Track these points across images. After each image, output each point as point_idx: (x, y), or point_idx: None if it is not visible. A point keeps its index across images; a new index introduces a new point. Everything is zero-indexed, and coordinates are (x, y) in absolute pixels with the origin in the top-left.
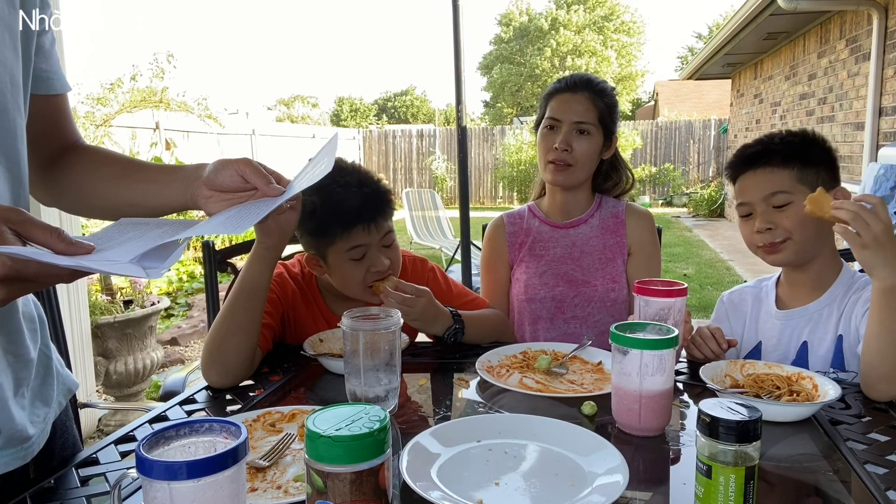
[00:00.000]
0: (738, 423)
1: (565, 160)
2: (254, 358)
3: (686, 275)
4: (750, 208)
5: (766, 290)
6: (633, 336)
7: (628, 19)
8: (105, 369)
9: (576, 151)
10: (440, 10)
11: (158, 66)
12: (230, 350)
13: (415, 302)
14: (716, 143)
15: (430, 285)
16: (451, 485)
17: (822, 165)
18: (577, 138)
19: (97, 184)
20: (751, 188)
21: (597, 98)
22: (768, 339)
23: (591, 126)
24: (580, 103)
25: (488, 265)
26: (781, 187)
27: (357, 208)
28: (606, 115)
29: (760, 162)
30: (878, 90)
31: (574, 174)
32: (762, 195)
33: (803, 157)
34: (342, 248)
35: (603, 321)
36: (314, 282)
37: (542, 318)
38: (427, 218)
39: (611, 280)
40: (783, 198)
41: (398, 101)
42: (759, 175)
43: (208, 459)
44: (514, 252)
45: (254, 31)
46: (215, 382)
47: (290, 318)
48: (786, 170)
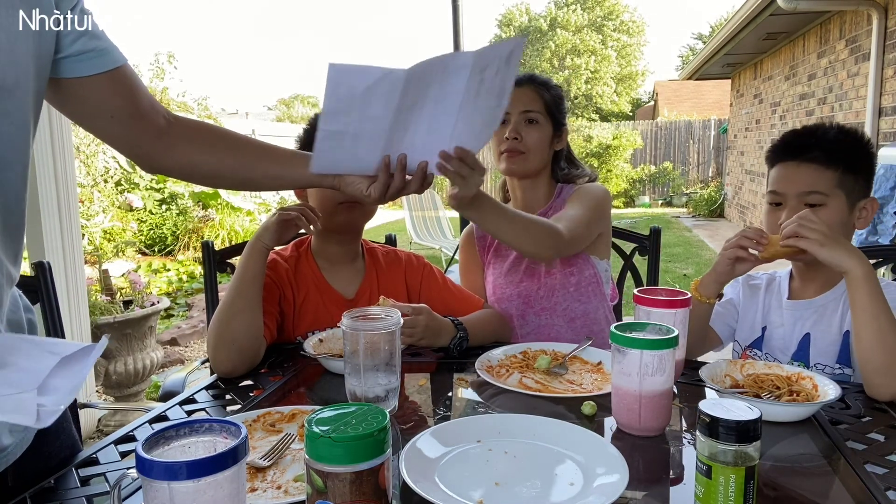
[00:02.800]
0: (738, 423)
1: (517, 148)
2: (260, 340)
3: (686, 275)
4: (781, 199)
5: (778, 280)
6: (633, 336)
7: (628, 19)
8: (105, 369)
9: (526, 140)
10: (440, 10)
11: (159, 66)
12: (239, 327)
13: (415, 321)
14: (715, 144)
15: (425, 281)
16: (451, 485)
17: (862, 174)
18: (525, 127)
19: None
20: (788, 180)
21: (541, 89)
22: (774, 328)
23: (538, 115)
24: (525, 94)
25: (465, 272)
26: (819, 188)
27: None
28: (553, 106)
29: (805, 155)
30: (878, 90)
31: (527, 161)
32: (798, 191)
33: (849, 160)
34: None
35: (571, 308)
36: (309, 253)
37: (513, 316)
38: (427, 218)
39: (567, 264)
40: (818, 198)
41: None
42: (801, 169)
43: (208, 459)
44: (484, 255)
45: (254, 31)
46: (225, 365)
47: (287, 297)
48: (829, 170)
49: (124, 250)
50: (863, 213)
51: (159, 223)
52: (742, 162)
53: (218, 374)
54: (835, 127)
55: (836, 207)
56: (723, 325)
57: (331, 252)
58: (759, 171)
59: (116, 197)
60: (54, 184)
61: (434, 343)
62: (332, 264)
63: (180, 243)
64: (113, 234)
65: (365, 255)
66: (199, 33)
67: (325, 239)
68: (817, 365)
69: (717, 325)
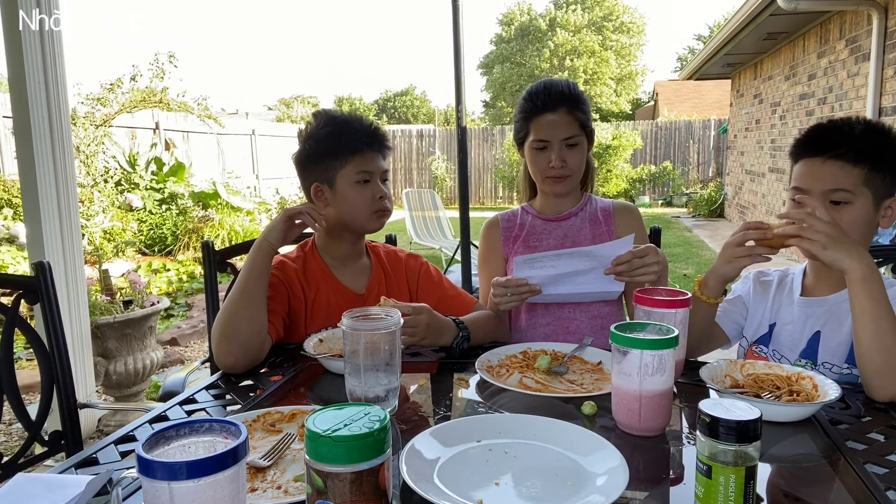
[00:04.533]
0: (738, 423)
1: (562, 174)
2: (264, 336)
3: (686, 275)
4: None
5: (791, 276)
6: (633, 336)
7: (627, 20)
8: (105, 370)
9: (569, 164)
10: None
11: (159, 66)
12: (242, 322)
13: (416, 321)
14: (715, 144)
15: (422, 278)
16: (451, 485)
17: (889, 171)
18: (568, 152)
19: None
20: (813, 177)
21: (575, 110)
22: (783, 324)
23: (577, 137)
24: (563, 120)
25: (485, 261)
26: (845, 185)
27: (366, 138)
28: (587, 123)
29: (831, 152)
30: (878, 90)
31: (572, 181)
32: (823, 188)
33: (876, 157)
34: (351, 171)
35: (596, 307)
36: (315, 252)
37: (538, 306)
38: (427, 218)
39: None
40: (844, 196)
41: (398, 101)
42: (826, 166)
43: (208, 459)
44: (509, 246)
45: (254, 31)
46: (227, 359)
47: (298, 295)
48: (855, 168)
49: (124, 250)
50: (887, 212)
51: (159, 223)
52: (742, 162)
53: (220, 367)
54: (862, 122)
55: (862, 206)
56: (731, 323)
57: (340, 250)
58: (759, 171)
59: (116, 197)
60: (54, 184)
61: (436, 342)
62: (340, 262)
63: (180, 243)
64: (113, 234)
65: (369, 253)
66: (199, 33)
67: (336, 238)
68: (825, 364)
69: (724, 322)
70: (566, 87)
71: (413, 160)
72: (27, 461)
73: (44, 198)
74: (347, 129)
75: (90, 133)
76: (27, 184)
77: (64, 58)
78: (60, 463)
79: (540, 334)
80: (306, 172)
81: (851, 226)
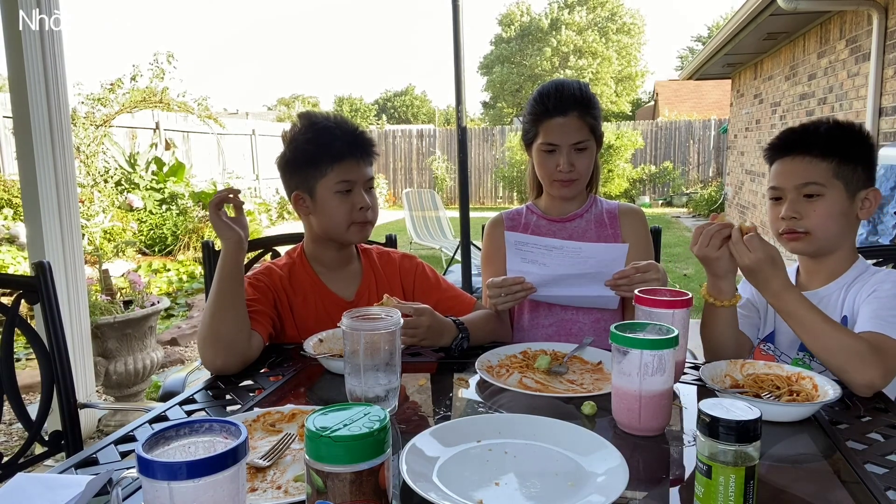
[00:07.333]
0: (738, 423)
1: (570, 178)
2: (249, 334)
3: (686, 275)
4: (781, 193)
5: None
6: (633, 336)
7: (629, 21)
8: (105, 369)
9: (578, 168)
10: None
11: (159, 66)
12: (222, 324)
13: (418, 322)
14: (715, 144)
15: (418, 279)
16: (451, 485)
17: (860, 164)
18: (577, 157)
19: None
20: (785, 174)
21: (586, 115)
22: (780, 321)
23: (587, 141)
24: (573, 124)
25: (488, 259)
26: (815, 178)
27: (348, 145)
28: (597, 126)
29: (799, 149)
30: (878, 90)
31: (580, 185)
32: (795, 183)
33: (844, 152)
34: (332, 180)
35: (598, 309)
36: (304, 259)
37: (541, 306)
38: (427, 218)
39: None
40: (815, 189)
41: (398, 101)
42: (796, 162)
43: (208, 459)
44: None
45: (254, 31)
46: (212, 361)
47: (283, 302)
48: (824, 161)
49: (124, 250)
50: (865, 204)
51: (159, 223)
52: (742, 162)
53: (211, 373)
54: (828, 121)
55: (834, 198)
56: (751, 328)
57: (328, 257)
58: (759, 171)
59: (116, 197)
60: (54, 184)
61: (436, 343)
62: (328, 269)
63: (180, 243)
64: (113, 234)
65: (360, 256)
66: (199, 33)
67: (322, 245)
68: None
69: (746, 329)
70: (578, 89)
71: (413, 160)
72: (27, 461)
73: (44, 198)
74: (328, 137)
75: (90, 133)
76: (27, 184)
77: (64, 58)
78: (60, 463)
79: (542, 335)
80: (287, 179)
81: (826, 217)
